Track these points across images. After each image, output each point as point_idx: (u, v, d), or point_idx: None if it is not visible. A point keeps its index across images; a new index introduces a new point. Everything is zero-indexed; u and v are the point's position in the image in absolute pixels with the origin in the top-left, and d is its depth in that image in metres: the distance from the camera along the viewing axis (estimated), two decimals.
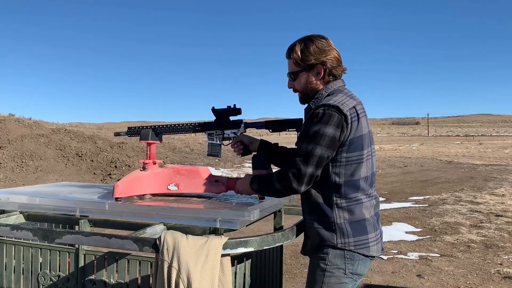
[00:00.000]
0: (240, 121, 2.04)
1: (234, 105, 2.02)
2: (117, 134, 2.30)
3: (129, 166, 12.76)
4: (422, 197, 9.13)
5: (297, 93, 1.83)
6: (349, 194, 1.66)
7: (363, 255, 1.67)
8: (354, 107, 1.66)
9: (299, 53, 1.74)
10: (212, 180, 2.05)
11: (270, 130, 1.97)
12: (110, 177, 11.86)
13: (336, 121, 1.60)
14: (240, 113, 2.04)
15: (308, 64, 1.73)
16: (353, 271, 1.66)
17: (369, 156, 1.71)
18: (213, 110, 2.05)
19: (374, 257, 1.71)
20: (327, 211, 1.67)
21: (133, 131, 2.17)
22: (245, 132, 2.07)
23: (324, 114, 1.60)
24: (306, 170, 1.61)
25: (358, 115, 1.65)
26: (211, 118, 2.09)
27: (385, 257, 4.81)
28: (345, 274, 1.65)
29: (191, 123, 2.11)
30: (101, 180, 11.73)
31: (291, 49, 1.77)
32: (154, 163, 2.10)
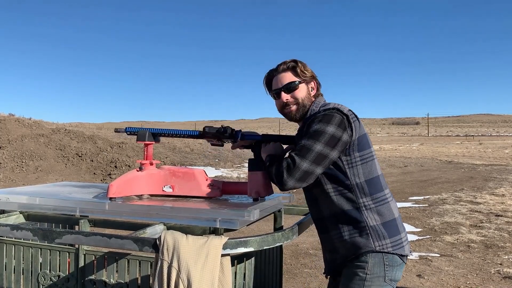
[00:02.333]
0: (237, 133, 1.93)
1: (230, 128, 1.91)
2: (117, 131, 2.30)
3: (129, 166, 12.76)
4: (422, 197, 9.13)
5: (288, 109, 1.79)
6: (374, 194, 1.64)
7: (400, 255, 1.66)
8: (349, 110, 1.70)
9: (301, 66, 1.78)
10: (207, 184, 2.05)
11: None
12: (110, 177, 11.86)
13: (337, 121, 1.61)
14: (235, 138, 1.91)
15: (309, 77, 1.80)
16: (392, 278, 1.65)
17: (375, 155, 1.73)
18: (204, 132, 1.92)
19: (407, 257, 1.71)
20: (356, 216, 1.63)
21: (132, 130, 2.17)
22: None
23: (325, 115, 1.63)
24: (300, 164, 1.58)
25: (356, 116, 1.69)
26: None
27: None
28: (384, 281, 1.64)
29: (191, 131, 2.08)
30: (101, 180, 11.73)
31: (288, 63, 1.78)
32: (151, 164, 2.10)
